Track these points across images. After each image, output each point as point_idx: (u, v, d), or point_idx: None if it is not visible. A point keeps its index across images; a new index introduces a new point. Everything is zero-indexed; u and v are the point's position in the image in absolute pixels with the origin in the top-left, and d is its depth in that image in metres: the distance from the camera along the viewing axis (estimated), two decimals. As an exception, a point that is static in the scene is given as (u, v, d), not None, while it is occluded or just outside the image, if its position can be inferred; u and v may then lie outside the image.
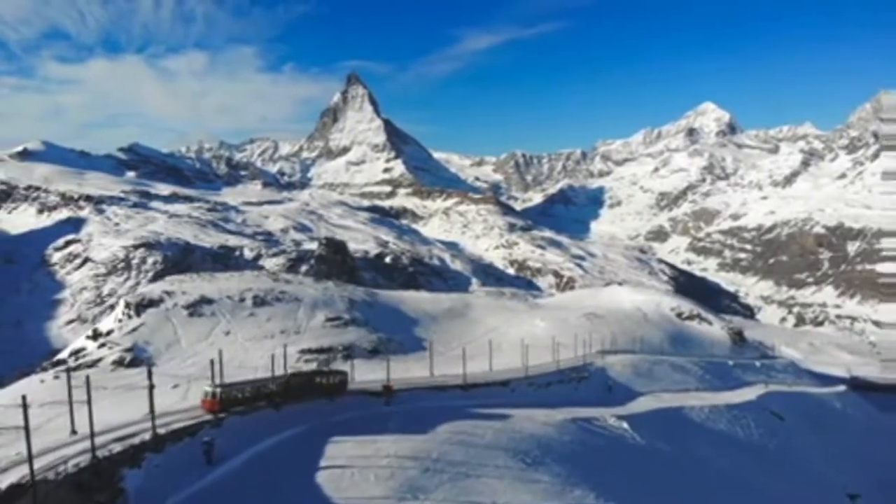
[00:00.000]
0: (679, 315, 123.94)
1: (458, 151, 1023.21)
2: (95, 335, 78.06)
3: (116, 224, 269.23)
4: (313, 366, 65.72)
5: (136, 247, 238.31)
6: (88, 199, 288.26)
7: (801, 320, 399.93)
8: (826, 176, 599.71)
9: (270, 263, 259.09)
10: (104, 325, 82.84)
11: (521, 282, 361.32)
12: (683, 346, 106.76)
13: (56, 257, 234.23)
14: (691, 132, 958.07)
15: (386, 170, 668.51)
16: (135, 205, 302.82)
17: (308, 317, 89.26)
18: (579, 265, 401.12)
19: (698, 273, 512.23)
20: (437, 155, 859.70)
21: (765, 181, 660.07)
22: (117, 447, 29.28)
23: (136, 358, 70.57)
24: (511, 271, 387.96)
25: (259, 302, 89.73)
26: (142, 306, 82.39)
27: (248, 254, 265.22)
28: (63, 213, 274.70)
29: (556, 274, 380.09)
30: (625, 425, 52.45)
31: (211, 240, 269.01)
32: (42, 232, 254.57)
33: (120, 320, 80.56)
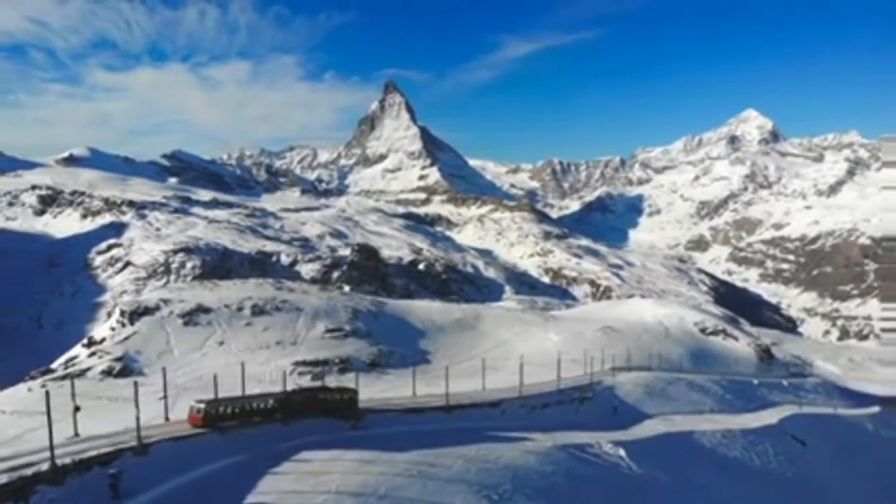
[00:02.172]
0: (703, 330, 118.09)
1: (494, 159, 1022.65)
2: (90, 343, 76.51)
3: (157, 229, 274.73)
4: (306, 379, 62.95)
5: (175, 251, 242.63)
6: (131, 204, 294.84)
7: (845, 333, 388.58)
8: (872, 185, 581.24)
9: (306, 269, 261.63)
10: (99, 332, 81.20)
11: (557, 290, 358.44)
12: (705, 364, 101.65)
13: (98, 261, 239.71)
14: (733, 140, 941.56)
15: (421, 177, 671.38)
16: (176, 210, 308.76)
17: (307, 327, 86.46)
18: (617, 274, 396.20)
19: (739, 284, 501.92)
20: (472, 162, 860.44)
21: (809, 190, 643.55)
22: (3, 478, 25.58)
23: (126, 367, 68.88)
24: (546, 280, 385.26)
25: (258, 311, 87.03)
26: (136, 314, 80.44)
27: (284, 259, 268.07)
28: (106, 218, 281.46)
29: (593, 283, 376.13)
30: (621, 452, 48.08)
31: (249, 245, 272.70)
32: (85, 236, 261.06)
33: (113, 328, 78.70)
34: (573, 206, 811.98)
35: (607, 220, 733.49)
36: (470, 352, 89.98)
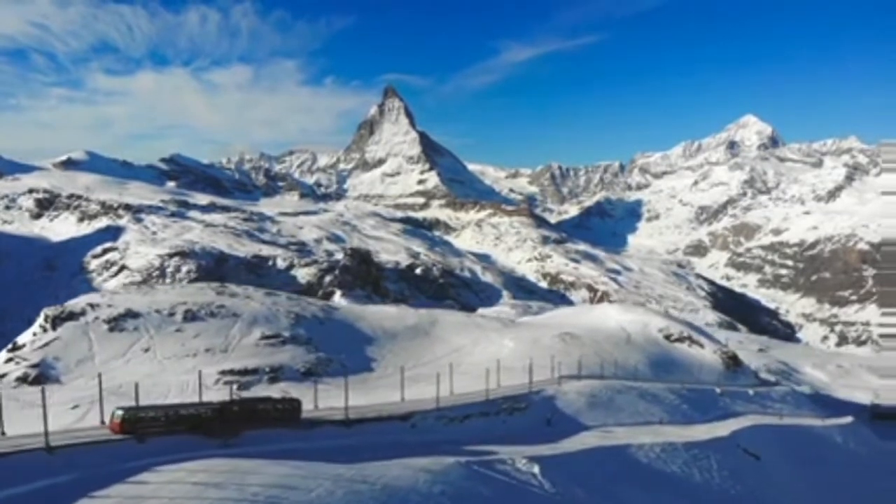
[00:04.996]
0: (667, 337, 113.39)
1: (493, 163, 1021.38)
2: (13, 348, 73.90)
3: (154, 233, 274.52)
4: (233, 388, 58.52)
5: (171, 255, 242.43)
6: (127, 207, 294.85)
7: (843, 339, 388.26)
8: (871, 191, 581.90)
9: (302, 273, 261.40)
10: (22, 337, 78.01)
11: (555, 295, 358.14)
12: (666, 371, 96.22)
13: (94, 265, 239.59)
14: (732, 145, 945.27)
15: (420, 181, 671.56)
16: (172, 214, 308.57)
17: (242, 334, 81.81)
18: (614, 279, 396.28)
19: (738, 289, 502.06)
20: (471, 167, 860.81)
21: (807, 196, 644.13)
22: None
23: (42, 374, 66.08)
24: (543, 284, 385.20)
25: (190, 317, 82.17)
26: (60, 319, 77.07)
27: (280, 263, 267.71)
28: (103, 222, 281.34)
29: (591, 288, 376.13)
30: (535, 469, 42.94)
31: (245, 249, 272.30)
32: (82, 239, 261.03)
33: (35, 333, 75.64)
34: (572, 210, 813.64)
35: (606, 225, 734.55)
36: (420, 359, 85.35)
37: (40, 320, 78.71)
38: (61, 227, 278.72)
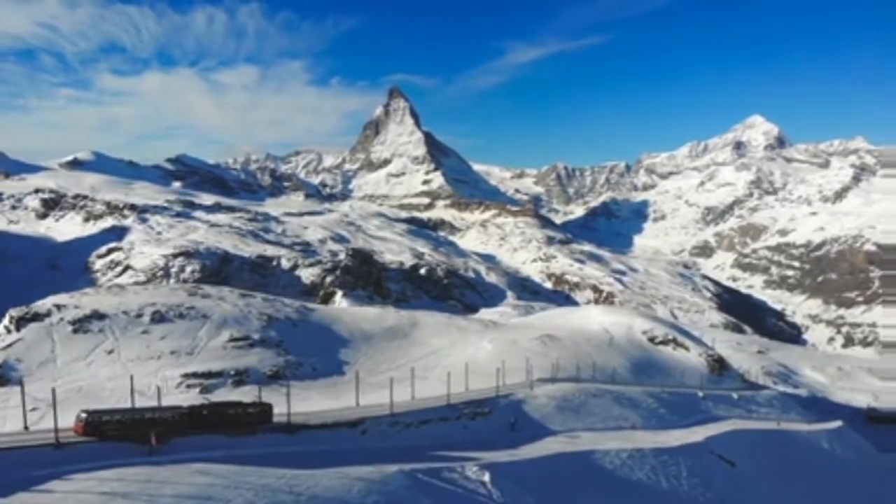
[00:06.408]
0: (651, 339, 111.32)
1: (498, 164, 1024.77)
2: None
3: (158, 233, 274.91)
4: (194, 392, 58.57)
5: (175, 255, 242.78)
6: (133, 208, 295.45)
7: (849, 340, 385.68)
8: (878, 192, 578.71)
9: (306, 273, 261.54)
10: None
11: (559, 296, 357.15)
12: (647, 374, 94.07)
13: (98, 265, 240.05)
14: (739, 146, 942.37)
15: (425, 182, 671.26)
16: (178, 214, 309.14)
17: (210, 336, 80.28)
18: (619, 280, 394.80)
19: (744, 290, 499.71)
20: (477, 167, 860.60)
21: (814, 196, 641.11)
22: None
23: (3, 376, 66.06)
24: (548, 285, 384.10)
25: (158, 318, 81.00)
26: (24, 320, 76.57)
27: (285, 264, 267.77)
28: (108, 222, 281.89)
29: (595, 289, 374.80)
30: (485, 477, 41.14)
31: (250, 249, 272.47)
32: (87, 239, 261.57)
33: None
34: (578, 211, 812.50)
35: (612, 226, 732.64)
36: (395, 362, 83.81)
37: (5, 321, 78.03)
38: (66, 227, 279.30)
